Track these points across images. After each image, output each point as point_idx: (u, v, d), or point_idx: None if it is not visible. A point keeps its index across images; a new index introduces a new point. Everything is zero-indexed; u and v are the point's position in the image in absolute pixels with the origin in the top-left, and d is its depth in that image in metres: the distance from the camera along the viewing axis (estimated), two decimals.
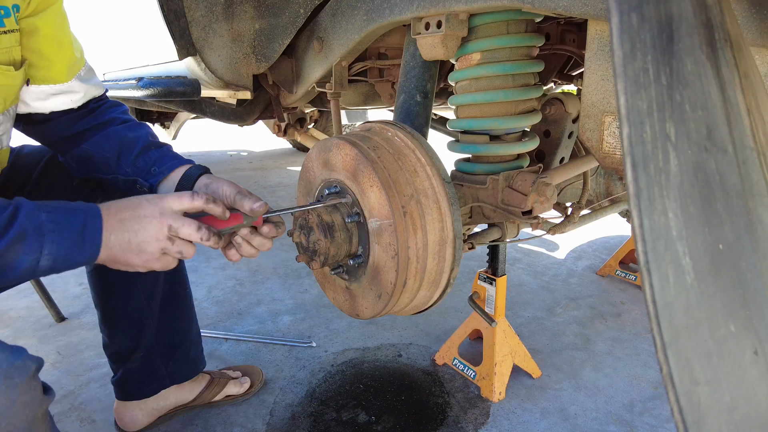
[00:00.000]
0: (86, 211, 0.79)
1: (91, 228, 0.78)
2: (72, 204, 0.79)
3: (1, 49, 0.92)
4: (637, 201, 0.43)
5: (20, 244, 0.71)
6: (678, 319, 0.43)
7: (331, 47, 1.42)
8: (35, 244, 0.72)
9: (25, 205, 0.74)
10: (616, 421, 1.47)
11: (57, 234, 0.74)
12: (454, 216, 0.97)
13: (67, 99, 1.07)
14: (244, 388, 1.58)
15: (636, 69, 0.44)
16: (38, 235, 0.73)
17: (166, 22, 1.74)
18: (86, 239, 0.77)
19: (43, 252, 0.73)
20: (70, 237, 0.76)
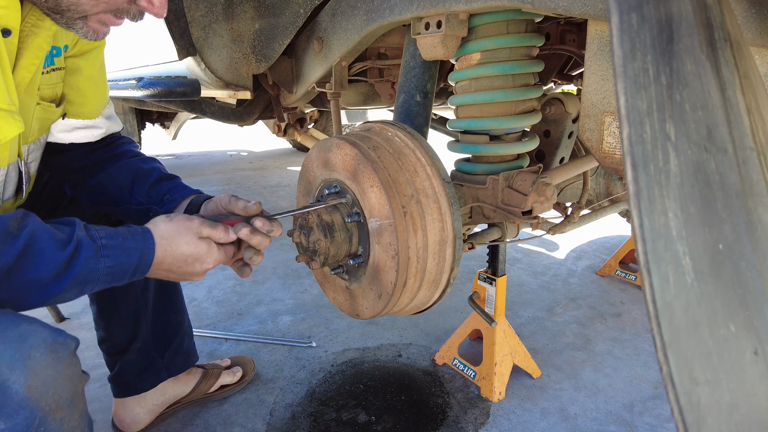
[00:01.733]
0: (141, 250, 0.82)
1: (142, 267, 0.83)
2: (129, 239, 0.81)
3: (47, 86, 0.96)
4: (637, 201, 0.43)
5: (76, 288, 0.75)
6: (678, 319, 0.43)
7: (331, 47, 1.42)
8: (90, 286, 0.77)
9: (84, 246, 0.74)
10: (616, 421, 1.47)
11: (110, 276, 0.79)
12: (454, 216, 0.97)
13: (89, 133, 1.12)
14: (236, 377, 1.61)
15: (636, 69, 0.44)
16: (93, 280, 0.76)
17: (166, 22, 1.74)
18: (135, 275, 0.83)
19: (93, 289, 0.78)
20: (122, 276, 0.81)
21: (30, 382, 0.62)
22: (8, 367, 0.61)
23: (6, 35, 0.78)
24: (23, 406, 0.60)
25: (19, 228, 0.69)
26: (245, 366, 1.67)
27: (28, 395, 0.61)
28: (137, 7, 0.83)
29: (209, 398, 1.57)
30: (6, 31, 0.78)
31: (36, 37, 0.84)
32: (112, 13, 0.81)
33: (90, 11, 0.79)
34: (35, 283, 0.70)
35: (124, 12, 0.82)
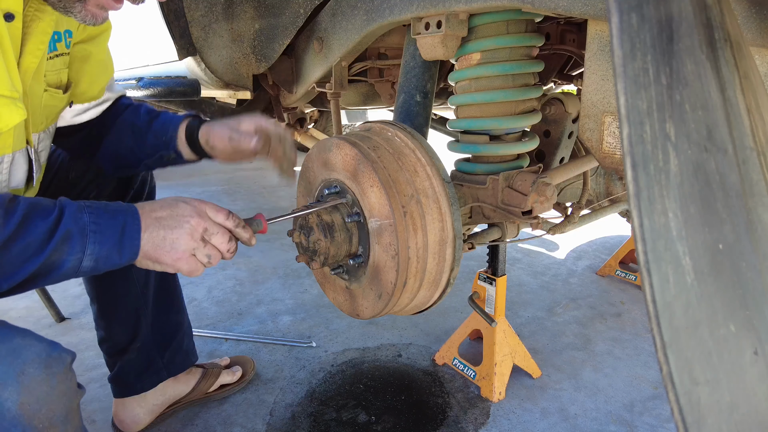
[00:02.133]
0: (125, 211, 0.81)
1: (130, 228, 0.79)
2: (112, 205, 0.81)
3: (52, 72, 0.96)
4: (637, 201, 0.43)
5: (66, 245, 0.73)
6: (678, 319, 0.43)
7: (331, 47, 1.42)
8: (79, 244, 0.74)
9: (69, 205, 0.76)
10: (616, 421, 1.47)
11: (99, 234, 0.76)
12: (454, 216, 0.97)
13: (98, 110, 1.16)
14: (236, 376, 1.61)
15: (636, 69, 0.44)
16: (82, 236, 0.74)
17: (166, 22, 1.74)
18: (125, 239, 0.79)
19: (86, 252, 0.75)
20: (112, 237, 0.77)
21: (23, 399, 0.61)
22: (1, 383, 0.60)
23: (9, 20, 0.77)
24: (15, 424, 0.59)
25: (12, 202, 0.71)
26: (245, 365, 1.67)
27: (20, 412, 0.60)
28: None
29: (209, 398, 1.57)
30: (9, 15, 0.77)
31: (40, 21, 0.84)
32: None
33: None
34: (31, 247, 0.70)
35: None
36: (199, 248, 0.84)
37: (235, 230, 0.88)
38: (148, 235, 0.81)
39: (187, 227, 0.82)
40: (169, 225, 0.82)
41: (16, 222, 0.69)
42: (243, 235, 0.89)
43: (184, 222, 0.82)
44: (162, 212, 0.83)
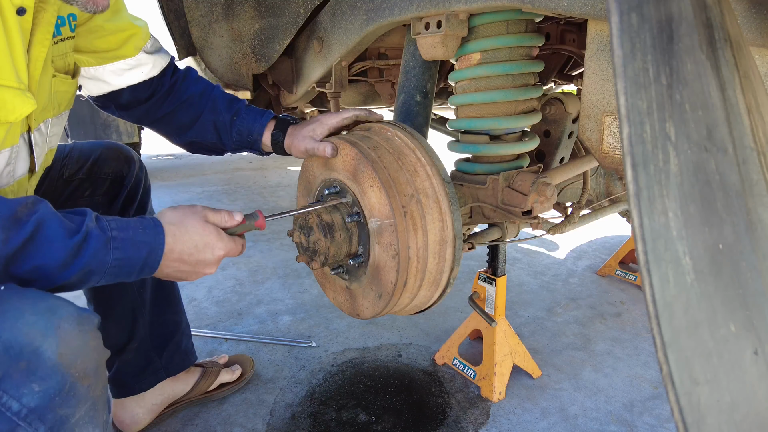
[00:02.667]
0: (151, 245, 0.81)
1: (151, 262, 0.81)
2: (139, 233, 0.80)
3: (57, 56, 0.97)
4: (637, 201, 0.43)
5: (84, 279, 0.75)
6: (678, 319, 0.43)
7: (331, 47, 1.42)
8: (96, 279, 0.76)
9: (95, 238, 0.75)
10: (616, 421, 1.47)
11: (117, 269, 0.78)
12: (454, 216, 0.97)
13: (139, 72, 1.15)
14: (235, 375, 1.61)
15: (636, 69, 0.44)
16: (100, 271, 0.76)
17: (166, 22, 1.74)
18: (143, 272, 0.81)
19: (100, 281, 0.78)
20: (129, 272, 0.80)
21: (61, 350, 0.65)
22: (41, 335, 0.64)
23: (21, 14, 0.80)
24: (55, 371, 0.64)
25: (29, 213, 0.70)
26: (244, 364, 1.68)
27: (59, 361, 0.64)
28: None
29: (209, 397, 1.57)
30: (21, 9, 0.80)
31: (45, 12, 0.86)
32: None
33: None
34: (41, 271, 0.70)
35: None
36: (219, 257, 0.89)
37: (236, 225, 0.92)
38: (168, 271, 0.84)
39: (202, 273, 0.87)
40: (186, 271, 0.86)
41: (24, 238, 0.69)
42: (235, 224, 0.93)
43: (201, 271, 0.87)
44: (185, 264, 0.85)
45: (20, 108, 0.81)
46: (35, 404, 0.62)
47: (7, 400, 0.61)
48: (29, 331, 0.63)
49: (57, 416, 0.64)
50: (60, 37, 0.97)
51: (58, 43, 0.96)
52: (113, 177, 1.34)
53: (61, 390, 0.64)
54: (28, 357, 0.62)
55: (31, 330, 0.64)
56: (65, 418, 0.65)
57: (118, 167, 1.34)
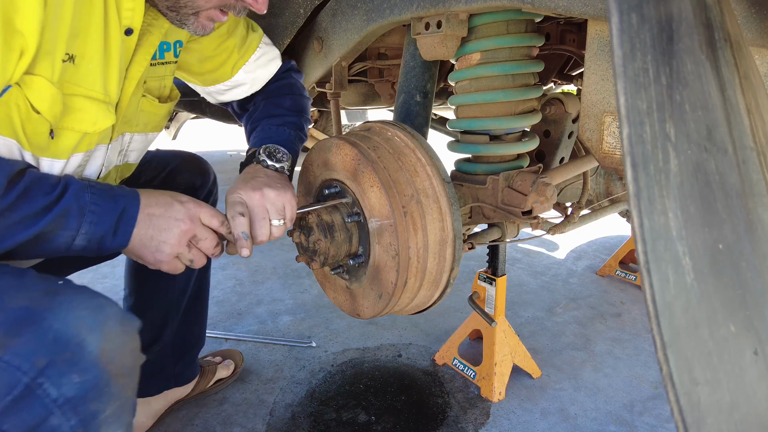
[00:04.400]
0: (127, 197, 0.82)
1: (127, 216, 0.81)
2: (116, 189, 0.82)
3: (153, 77, 1.02)
4: (637, 201, 0.43)
5: (63, 220, 0.75)
6: (678, 319, 0.43)
7: (331, 47, 1.42)
8: (75, 221, 0.76)
9: (73, 183, 0.78)
10: (616, 421, 1.47)
11: (96, 216, 0.78)
12: (454, 216, 0.97)
13: (238, 91, 1.21)
14: (230, 370, 1.65)
15: (636, 69, 0.44)
16: (80, 214, 0.76)
17: None
18: (121, 226, 0.80)
19: (80, 231, 0.77)
20: (108, 221, 0.79)
21: (103, 346, 0.67)
22: (88, 329, 0.67)
23: (128, 34, 0.85)
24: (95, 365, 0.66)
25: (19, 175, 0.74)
26: (234, 358, 1.71)
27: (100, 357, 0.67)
28: (243, 3, 0.89)
29: (206, 394, 1.58)
30: (129, 30, 0.85)
31: (150, 35, 0.91)
32: (220, 9, 0.88)
33: (203, 7, 0.86)
34: (27, 218, 0.73)
35: (230, 7, 0.89)
36: (184, 253, 0.85)
37: (228, 236, 0.89)
38: (137, 230, 0.82)
39: (176, 232, 0.83)
40: (159, 225, 0.82)
41: (17, 194, 0.72)
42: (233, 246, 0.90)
43: (174, 226, 0.83)
44: (156, 209, 0.83)
45: (101, 121, 0.86)
46: (72, 394, 0.64)
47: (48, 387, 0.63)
48: (78, 325, 0.66)
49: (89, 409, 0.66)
50: (161, 60, 1.02)
51: (156, 66, 1.01)
52: (185, 187, 1.32)
53: (97, 384, 0.66)
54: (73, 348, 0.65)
55: (79, 323, 0.67)
56: (96, 413, 0.66)
57: (191, 178, 1.34)
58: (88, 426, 0.66)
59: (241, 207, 0.89)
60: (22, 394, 0.62)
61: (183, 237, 0.83)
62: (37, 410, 0.62)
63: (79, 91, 0.82)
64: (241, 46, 1.15)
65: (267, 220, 0.90)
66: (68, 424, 0.64)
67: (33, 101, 0.76)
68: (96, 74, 0.83)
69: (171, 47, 1.03)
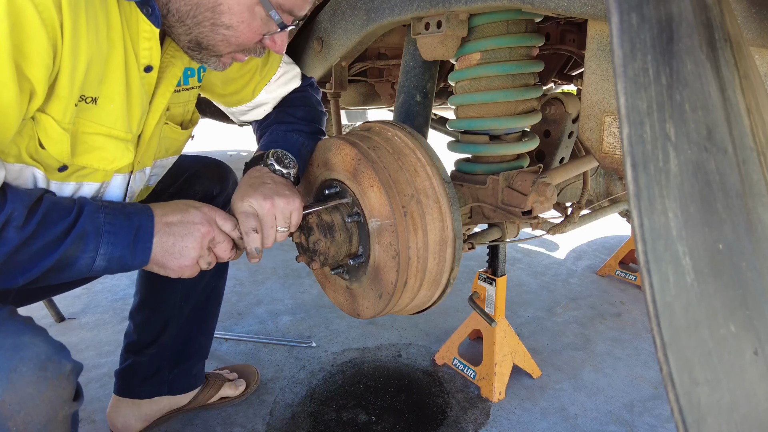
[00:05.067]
0: (140, 214, 0.83)
1: (144, 232, 0.82)
2: (128, 206, 0.84)
3: (177, 104, 1.04)
4: (637, 201, 0.43)
5: (80, 244, 0.76)
6: (678, 319, 0.43)
7: (331, 47, 1.42)
8: (93, 243, 0.77)
9: (87, 205, 0.79)
10: (616, 421, 1.47)
11: (113, 236, 0.79)
12: (454, 216, 0.97)
13: (260, 111, 1.22)
14: (239, 390, 1.56)
15: (636, 69, 0.44)
16: (96, 236, 0.78)
17: None
18: (138, 243, 0.81)
19: (99, 252, 0.78)
20: (125, 239, 0.80)
21: (5, 397, 0.60)
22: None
23: (148, 71, 0.88)
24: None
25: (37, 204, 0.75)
26: (249, 377, 1.62)
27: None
28: (261, 45, 0.92)
29: (207, 408, 1.54)
30: (148, 68, 0.88)
31: (173, 67, 0.94)
32: (241, 51, 0.91)
33: (223, 51, 0.89)
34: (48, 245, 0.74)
35: (250, 51, 0.92)
36: (204, 256, 0.87)
37: (238, 241, 0.91)
38: (158, 239, 0.83)
39: (198, 235, 0.85)
40: (179, 232, 0.84)
41: (36, 222, 0.73)
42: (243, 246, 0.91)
43: (195, 230, 0.85)
44: (173, 217, 0.85)
45: (119, 159, 0.89)
46: None
47: None
48: None
49: None
50: (185, 86, 1.04)
51: (180, 92, 1.03)
52: (202, 195, 1.32)
53: None
54: None
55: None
56: None
57: (209, 186, 1.33)
58: None
59: (255, 221, 0.90)
60: None
61: (204, 240, 0.85)
62: None
63: (101, 130, 0.85)
64: (263, 67, 1.16)
65: (275, 228, 0.91)
66: None
67: (41, 137, 0.79)
68: (118, 113, 0.85)
69: (195, 72, 1.06)
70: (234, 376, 1.60)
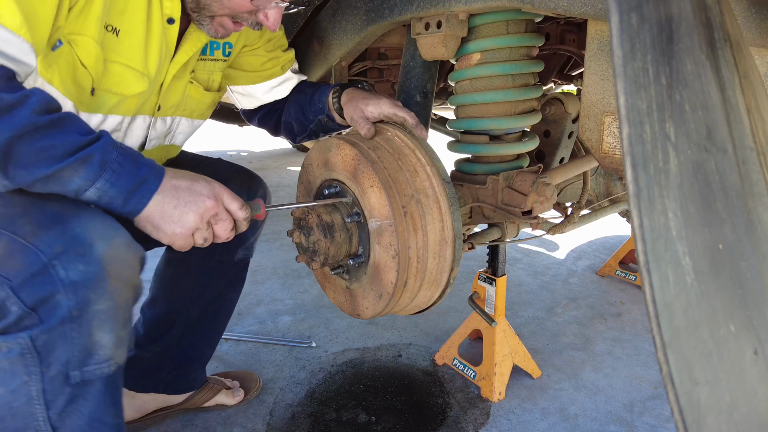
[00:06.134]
0: (151, 167, 0.85)
1: (148, 185, 0.83)
2: (145, 159, 0.85)
3: (202, 70, 1.16)
4: (637, 201, 0.43)
5: (81, 167, 0.78)
6: (678, 319, 0.43)
7: (331, 47, 1.42)
8: (93, 173, 0.79)
9: (106, 137, 0.82)
10: (616, 421, 1.47)
11: (115, 175, 0.80)
12: (454, 216, 0.97)
13: (283, 88, 1.33)
14: (236, 399, 1.54)
15: (636, 69, 0.44)
16: (100, 168, 0.79)
17: None
18: (137, 193, 0.82)
19: (95, 184, 0.79)
20: (125, 184, 0.81)
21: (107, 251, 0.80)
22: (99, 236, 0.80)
23: (170, 23, 0.98)
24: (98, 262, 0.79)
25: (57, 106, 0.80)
26: (249, 384, 1.60)
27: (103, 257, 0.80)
28: (255, 18, 0.99)
29: (202, 410, 1.53)
30: (170, 19, 0.98)
31: (199, 33, 1.04)
32: (231, 18, 0.99)
33: (216, 13, 0.97)
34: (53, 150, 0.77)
35: (242, 19, 0.99)
36: (201, 230, 0.87)
37: (241, 222, 0.91)
38: (160, 197, 0.84)
39: (201, 206, 0.85)
40: (184, 198, 0.85)
41: (52, 119, 0.77)
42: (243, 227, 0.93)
43: (200, 200, 0.86)
44: (182, 182, 0.86)
45: (134, 86, 0.98)
46: (75, 278, 0.76)
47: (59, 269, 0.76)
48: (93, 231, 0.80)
49: (86, 296, 0.78)
50: (211, 57, 1.16)
51: (206, 61, 1.15)
52: None
53: (95, 278, 0.78)
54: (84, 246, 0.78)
55: (94, 232, 0.80)
56: (90, 301, 0.78)
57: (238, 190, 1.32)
58: (82, 311, 0.78)
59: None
60: (40, 270, 0.75)
61: (206, 212, 0.86)
62: (47, 285, 0.75)
63: (120, 60, 0.94)
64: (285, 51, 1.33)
65: None
66: (68, 303, 0.76)
67: (81, 57, 0.88)
68: (136, 49, 0.95)
69: (220, 46, 1.16)
70: (235, 385, 1.58)
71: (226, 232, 0.89)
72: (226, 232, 0.89)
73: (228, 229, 0.89)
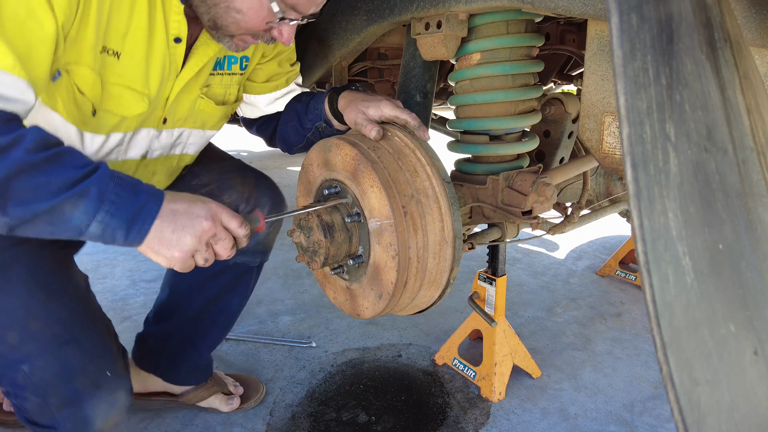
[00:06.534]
0: (149, 194, 0.84)
1: (146, 213, 0.82)
2: (143, 185, 0.85)
3: (217, 85, 1.17)
4: (637, 201, 0.43)
5: (80, 201, 0.77)
6: (678, 319, 0.43)
7: (331, 47, 1.42)
8: (92, 206, 0.78)
9: (103, 169, 0.81)
10: (616, 421, 1.47)
11: (115, 206, 0.79)
12: (454, 216, 0.97)
13: (285, 100, 1.34)
14: (230, 407, 1.53)
15: (636, 69, 0.44)
16: (99, 201, 0.78)
17: None
18: (137, 221, 0.81)
19: (95, 218, 0.78)
20: (125, 213, 0.80)
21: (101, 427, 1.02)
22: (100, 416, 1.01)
23: (177, 42, 1.00)
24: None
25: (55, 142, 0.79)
26: (250, 391, 1.58)
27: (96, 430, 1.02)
28: (269, 35, 1.01)
29: (202, 410, 1.53)
30: (177, 39, 0.99)
31: (206, 47, 1.06)
32: (251, 35, 1.01)
33: (235, 33, 0.99)
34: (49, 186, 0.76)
35: (259, 36, 1.01)
36: (201, 251, 0.86)
37: (241, 239, 0.91)
38: (159, 222, 0.83)
39: (198, 228, 0.85)
40: (181, 222, 0.84)
41: (47, 155, 0.76)
42: (244, 243, 0.92)
43: (197, 223, 0.85)
44: (179, 205, 0.85)
45: (135, 107, 1.01)
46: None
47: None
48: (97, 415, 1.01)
49: None
50: (228, 71, 1.18)
51: (223, 75, 1.17)
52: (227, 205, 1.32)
53: None
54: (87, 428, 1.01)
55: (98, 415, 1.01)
56: None
57: (238, 199, 1.35)
58: None
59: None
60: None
61: (204, 234, 0.86)
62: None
63: (121, 81, 0.96)
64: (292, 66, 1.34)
65: None
66: None
67: (78, 84, 0.90)
68: (138, 69, 0.97)
69: (238, 60, 1.19)
70: (239, 391, 1.57)
71: (227, 250, 0.89)
72: (226, 250, 0.89)
73: (228, 248, 0.89)
